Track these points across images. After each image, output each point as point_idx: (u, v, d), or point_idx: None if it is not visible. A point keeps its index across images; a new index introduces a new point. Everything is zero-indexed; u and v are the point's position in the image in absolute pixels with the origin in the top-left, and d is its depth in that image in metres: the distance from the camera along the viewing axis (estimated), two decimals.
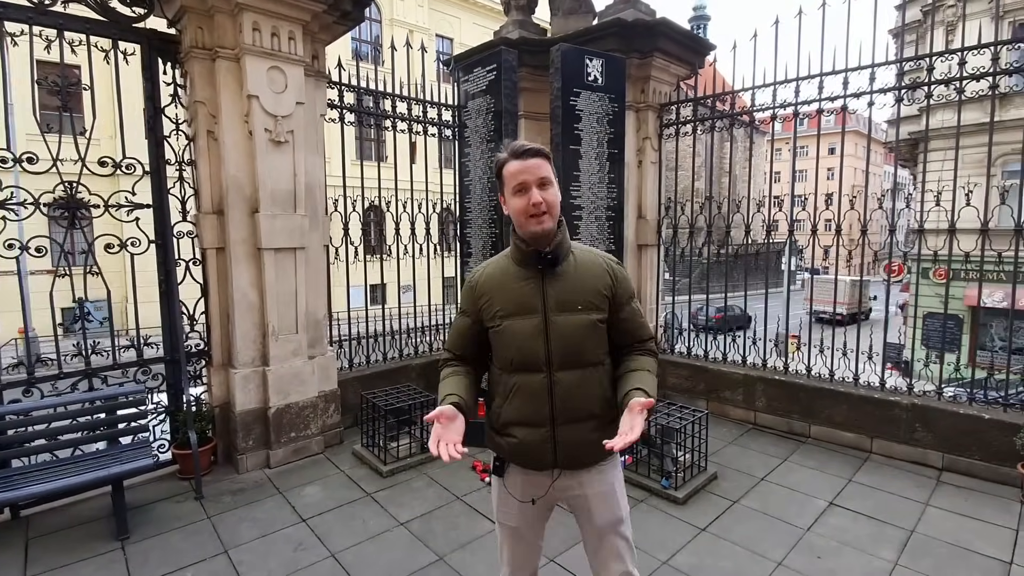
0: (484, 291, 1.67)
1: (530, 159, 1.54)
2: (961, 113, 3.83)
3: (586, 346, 1.59)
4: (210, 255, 3.83)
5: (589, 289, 1.61)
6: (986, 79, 3.67)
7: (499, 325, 1.62)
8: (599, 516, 1.67)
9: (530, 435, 1.61)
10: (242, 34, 3.50)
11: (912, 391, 4.00)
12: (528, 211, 1.53)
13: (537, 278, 1.60)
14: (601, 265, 1.65)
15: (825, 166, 35.07)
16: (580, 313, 1.58)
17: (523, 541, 1.77)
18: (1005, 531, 3.03)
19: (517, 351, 1.60)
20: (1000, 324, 12.88)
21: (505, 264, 1.67)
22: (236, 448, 3.81)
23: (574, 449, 1.61)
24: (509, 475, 1.70)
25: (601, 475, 1.67)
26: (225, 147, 3.65)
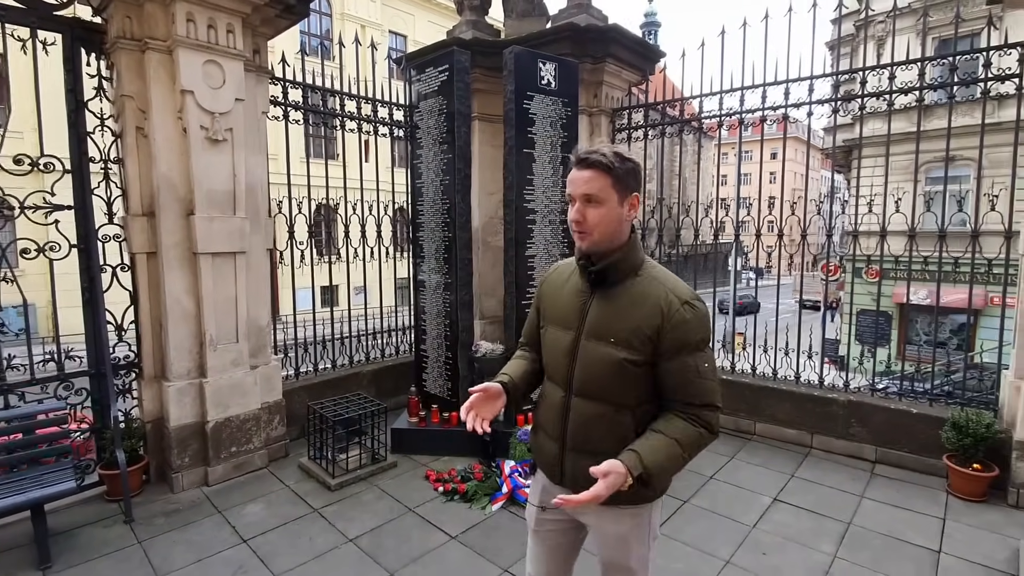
0: (544, 290, 1.66)
1: (583, 170, 1.40)
2: (891, 124, 4.06)
3: (608, 382, 1.43)
4: (140, 260, 3.57)
5: (629, 323, 1.41)
6: (913, 93, 3.90)
7: (544, 328, 1.61)
8: (604, 553, 1.61)
9: (546, 445, 1.59)
10: (175, 25, 3.28)
11: (848, 388, 4.20)
12: (572, 226, 1.45)
13: (586, 294, 1.50)
14: (658, 300, 1.40)
15: (768, 170, 36.68)
16: (609, 346, 1.42)
17: (541, 548, 1.69)
18: (933, 520, 3.21)
19: (548, 361, 1.59)
20: (925, 320, 13.83)
21: (571, 270, 1.58)
22: (171, 466, 3.58)
23: (580, 480, 1.41)
24: (536, 476, 1.70)
25: (615, 520, 1.52)
26: (156, 144, 3.41)
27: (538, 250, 4.24)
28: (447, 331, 4.36)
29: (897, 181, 5.92)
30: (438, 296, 4.40)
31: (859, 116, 4.34)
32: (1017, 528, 3.07)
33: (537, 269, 4.23)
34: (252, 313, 3.88)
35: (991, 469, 3.39)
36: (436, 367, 4.48)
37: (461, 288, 4.22)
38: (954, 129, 3.80)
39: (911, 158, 4.64)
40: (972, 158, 7.39)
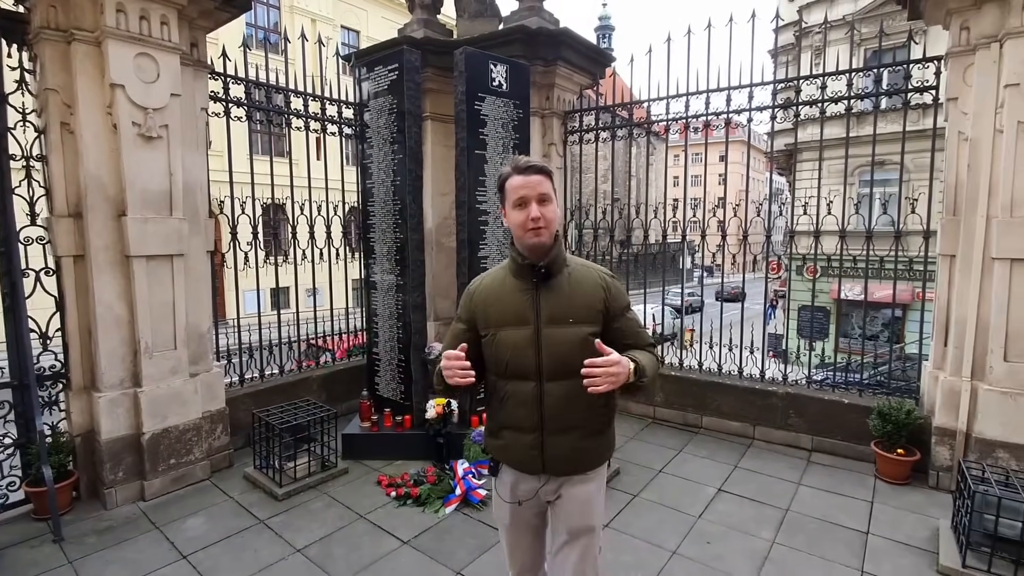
0: (480, 300, 1.72)
1: (532, 175, 1.59)
2: (823, 130, 4.30)
3: (577, 358, 1.57)
4: (66, 264, 3.35)
5: (581, 303, 1.64)
6: (843, 102, 4.14)
7: (493, 334, 1.68)
8: (572, 520, 1.72)
9: (520, 439, 1.67)
10: (104, 16, 3.10)
11: (787, 381, 4.42)
12: (527, 225, 1.58)
13: (532, 290, 1.64)
14: (595, 280, 1.68)
15: (717, 172, 38.06)
16: (572, 326, 1.61)
17: (519, 539, 1.82)
18: (863, 504, 3.42)
19: (510, 360, 1.65)
20: (859, 314, 14.71)
21: (502, 276, 1.72)
22: (103, 481, 3.38)
23: (560, 457, 1.66)
24: (501, 476, 1.78)
25: (583, 483, 1.71)
26: (84, 141, 3.21)
27: (491, 251, 4.25)
28: (400, 333, 4.30)
29: (832, 184, 6.28)
30: (390, 298, 4.34)
31: (795, 123, 4.57)
32: (937, 508, 3.31)
33: (490, 269, 4.23)
34: (191, 319, 3.71)
35: (913, 454, 3.64)
36: (389, 370, 4.41)
37: (414, 290, 4.18)
38: (882, 135, 4.05)
39: (842, 163, 4.90)
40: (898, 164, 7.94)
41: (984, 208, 3.31)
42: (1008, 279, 3.22)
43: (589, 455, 1.70)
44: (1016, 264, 3.20)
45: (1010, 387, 3.24)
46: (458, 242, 4.23)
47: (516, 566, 1.86)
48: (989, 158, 3.28)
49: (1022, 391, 3.21)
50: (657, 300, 5.13)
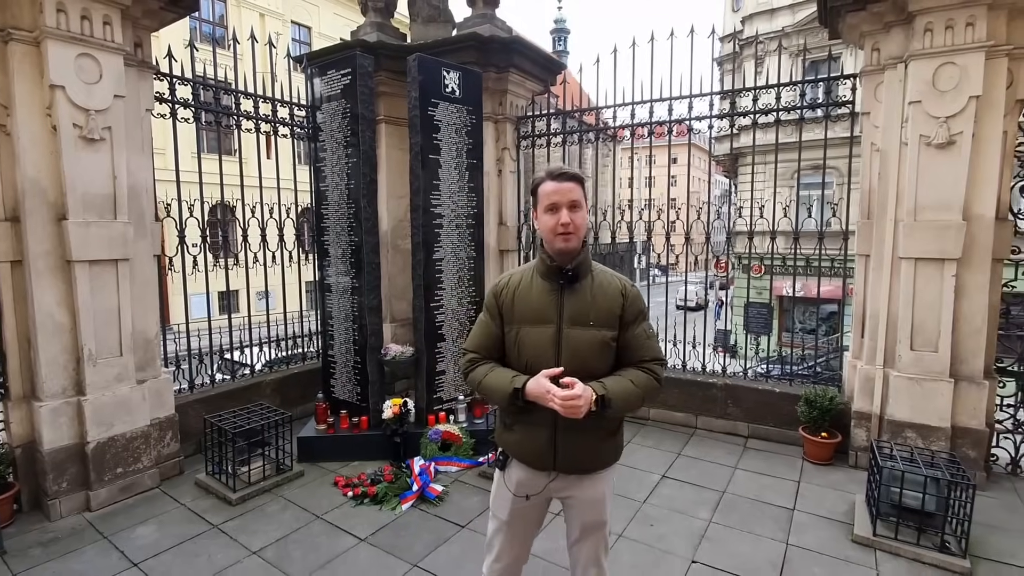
0: (506, 297, 1.79)
1: (565, 182, 1.66)
2: (755, 138, 4.63)
3: (594, 360, 1.68)
4: (2, 269, 3.22)
5: (602, 307, 1.70)
6: (772, 113, 4.46)
7: (516, 330, 1.74)
8: (586, 518, 1.82)
9: (533, 434, 1.73)
10: (43, 15, 3.01)
11: (725, 373, 4.72)
12: (556, 229, 1.65)
13: (557, 291, 1.71)
14: (616, 286, 1.75)
15: (671, 174, 39.26)
16: (592, 328, 1.68)
17: (513, 536, 1.88)
18: (790, 483, 3.72)
19: (531, 357, 1.71)
20: (799, 310, 15.60)
21: (530, 275, 1.79)
22: (46, 492, 3.28)
23: (573, 455, 1.72)
24: (509, 470, 1.83)
25: (594, 483, 1.79)
26: (20, 143, 3.11)
27: (446, 253, 4.34)
28: (355, 335, 4.34)
29: (768, 188, 6.66)
30: (345, 300, 4.37)
31: (731, 132, 4.89)
32: (855, 485, 3.64)
33: (445, 272, 4.33)
34: (138, 324, 3.64)
35: (836, 436, 3.98)
36: (345, 372, 4.44)
37: (369, 292, 4.23)
38: (817, 142, 4.36)
39: (783, 166, 5.27)
40: (831, 167, 8.52)
41: (892, 212, 3.67)
42: (913, 277, 3.59)
43: (599, 455, 1.77)
44: (919, 263, 3.57)
45: (916, 373, 3.61)
46: (413, 245, 4.31)
47: (502, 562, 1.90)
48: (896, 168, 3.64)
49: (926, 376, 3.58)
50: None
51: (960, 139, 3.36)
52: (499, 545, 1.90)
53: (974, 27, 3.27)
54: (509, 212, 5.66)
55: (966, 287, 3.49)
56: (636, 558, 2.89)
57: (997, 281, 3.58)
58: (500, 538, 1.89)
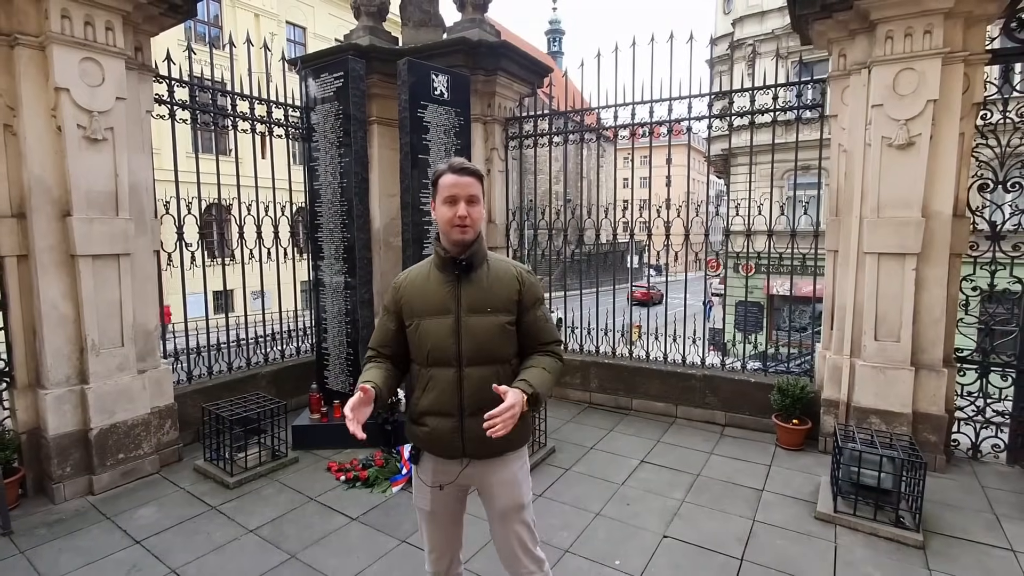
0: (405, 292, 1.83)
1: (464, 176, 1.72)
2: (753, 138, 4.79)
3: (494, 345, 1.74)
4: (9, 263, 3.38)
5: (499, 294, 1.76)
6: (769, 113, 4.57)
7: (416, 323, 1.78)
8: (501, 501, 1.84)
9: (441, 424, 1.76)
10: (49, 21, 3.17)
11: (704, 364, 4.91)
12: (453, 221, 1.71)
13: (454, 282, 1.77)
14: (511, 273, 1.82)
15: (662, 174, 39.51)
16: (490, 315, 1.74)
17: (439, 525, 1.91)
18: (762, 467, 3.92)
19: (432, 347, 1.75)
20: (789, 308, 15.83)
21: (427, 269, 1.84)
22: (50, 476, 3.44)
23: (480, 439, 1.69)
24: (422, 462, 1.87)
25: (505, 465, 1.83)
26: (27, 143, 3.27)
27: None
28: (348, 329, 4.51)
29: (761, 187, 6.86)
30: (339, 295, 4.54)
31: (708, 135, 5.08)
32: (823, 468, 3.83)
33: None
34: (139, 317, 3.79)
35: (806, 423, 4.18)
36: (338, 364, 4.61)
37: (362, 287, 4.40)
38: (805, 143, 4.51)
39: (768, 168, 5.42)
40: (818, 168, 8.75)
41: (858, 210, 3.87)
42: (876, 270, 3.79)
43: (505, 439, 1.69)
44: (882, 257, 3.77)
45: (879, 362, 3.81)
46: (403, 241, 4.47)
47: (436, 552, 1.94)
48: (861, 167, 3.84)
49: (889, 365, 3.78)
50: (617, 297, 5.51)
51: (919, 140, 3.57)
52: (428, 537, 1.94)
53: (931, 35, 3.47)
54: (498, 211, 5.84)
55: (925, 280, 3.70)
56: (610, 534, 3.08)
57: (955, 275, 3.79)
58: (428, 530, 1.93)
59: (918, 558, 2.82)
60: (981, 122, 3.77)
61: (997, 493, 3.50)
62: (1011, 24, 3.70)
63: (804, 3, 3.89)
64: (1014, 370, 3.87)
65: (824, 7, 3.78)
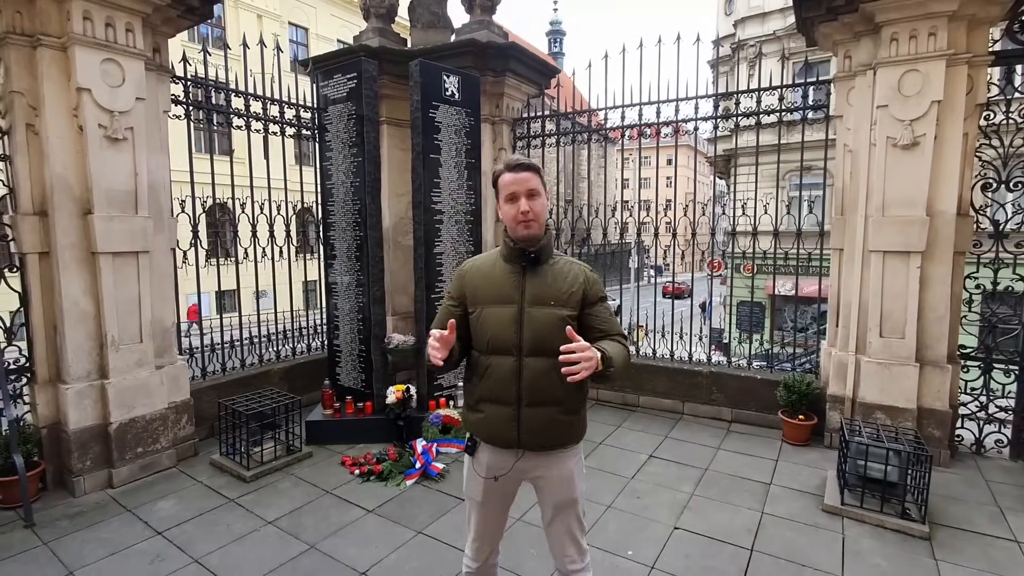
0: (470, 279, 1.87)
1: (521, 172, 1.75)
2: (759, 138, 4.86)
3: (554, 337, 1.70)
4: (31, 260, 3.45)
5: (563, 288, 1.78)
6: (775, 114, 4.64)
7: (479, 311, 1.82)
8: (557, 496, 1.87)
9: (497, 412, 1.78)
10: (71, 23, 3.24)
11: (711, 362, 4.98)
12: (517, 218, 1.74)
13: (519, 274, 1.80)
14: (575, 270, 1.83)
15: (665, 175, 39.63)
16: (552, 308, 1.76)
17: (488, 514, 1.94)
18: (768, 462, 3.98)
19: (493, 335, 1.78)
20: (791, 309, 15.88)
21: (494, 259, 1.88)
22: (71, 470, 3.50)
23: (536, 430, 1.76)
24: (478, 454, 1.89)
25: (561, 461, 1.84)
26: (49, 143, 3.33)
27: (446, 248, 4.58)
28: (360, 326, 4.57)
29: (766, 187, 6.92)
30: (351, 293, 4.60)
31: (735, 131, 5.14)
32: (829, 463, 3.89)
33: (445, 266, 4.57)
34: (156, 313, 3.86)
35: (812, 419, 4.24)
36: (350, 361, 4.67)
37: (373, 284, 4.46)
38: (787, 146, 4.60)
39: (774, 168, 5.48)
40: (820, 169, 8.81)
41: (863, 209, 3.93)
42: (881, 268, 3.85)
43: (562, 431, 1.80)
44: (887, 256, 3.83)
45: (884, 358, 3.87)
46: (415, 240, 4.54)
47: (479, 541, 1.97)
48: (866, 167, 3.90)
49: (893, 361, 3.84)
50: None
51: (923, 140, 3.63)
52: (475, 525, 1.97)
53: (936, 37, 3.54)
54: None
55: (930, 278, 3.76)
56: (622, 525, 3.14)
57: (959, 272, 3.85)
58: (476, 519, 1.96)
59: (924, 548, 2.89)
60: (984, 123, 3.84)
61: (1000, 487, 3.57)
62: (1013, 26, 3.77)
63: (810, 6, 3.95)
64: (1017, 367, 3.94)
65: (830, 9, 3.85)
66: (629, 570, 2.76)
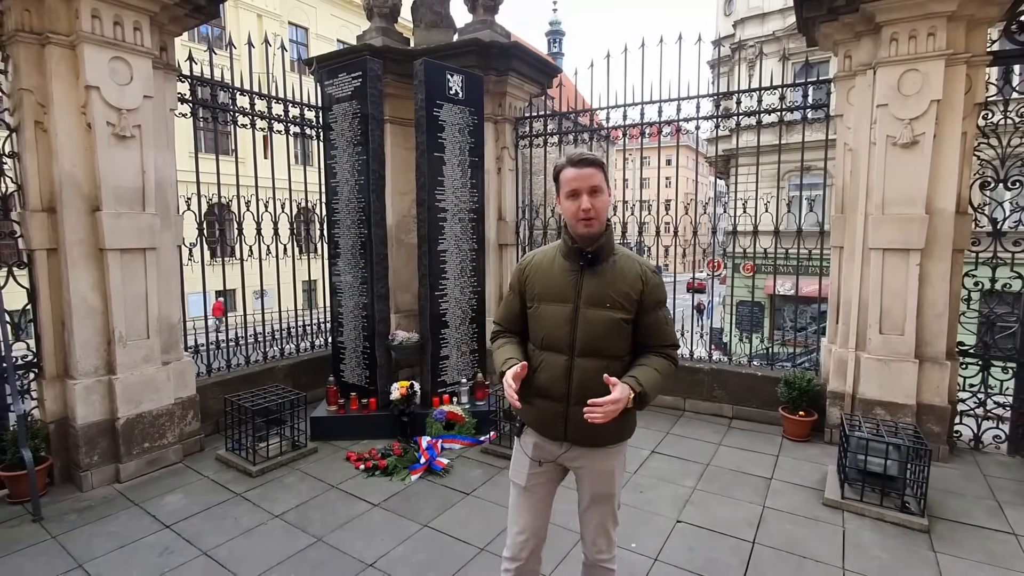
0: (529, 274, 1.86)
1: (584, 168, 1.69)
2: (760, 138, 4.89)
3: (608, 339, 1.72)
4: (39, 257, 3.48)
5: (620, 290, 1.73)
6: (776, 113, 4.67)
7: (536, 306, 1.82)
8: (596, 488, 1.87)
9: (547, 407, 1.79)
10: (79, 21, 3.27)
11: (711, 359, 5.02)
12: (578, 215, 1.69)
13: (577, 272, 1.76)
14: (636, 271, 1.77)
15: (665, 175, 39.68)
16: (608, 309, 1.72)
17: (530, 502, 1.91)
18: (770, 457, 4.02)
19: (547, 333, 1.78)
20: (790, 308, 15.92)
21: (553, 254, 1.85)
22: (78, 465, 3.53)
23: (583, 428, 1.72)
24: (524, 436, 1.91)
25: (605, 458, 1.83)
26: (58, 140, 3.36)
27: (449, 245, 4.62)
28: (364, 323, 4.61)
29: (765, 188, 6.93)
30: (355, 290, 4.63)
31: (736, 130, 5.19)
32: (829, 458, 3.92)
33: (448, 263, 4.60)
34: (163, 310, 3.89)
35: (812, 415, 4.28)
36: (354, 357, 4.71)
37: (378, 281, 4.50)
38: (789, 146, 4.64)
39: (774, 168, 5.52)
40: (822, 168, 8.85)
41: (863, 207, 3.98)
42: (881, 265, 3.89)
43: (609, 431, 1.74)
44: (887, 253, 3.87)
45: (883, 355, 3.92)
46: (419, 237, 4.57)
47: (524, 533, 1.92)
48: (866, 165, 3.95)
49: (893, 358, 3.88)
50: None
51: (923, 139, 3.68)
52: (519, 515, 1.93)
53: (935, 37, 3.59)
54: (508, 208, 5.94)
55: (929, 275, 3.80)
56: (626, 519, 3.15)
57: (958, 270, 3.89)
58: (520, 505, 1.92)
59: (923, 541, 2.93)
60: (983, 122, 3.88)
61: (999, 481, 3.61)
62: (1011, 27, 3.81)
63: (811, 6, 3.99)
64: (1015, 363, 3.98)
65: (831, 10, 3.89)
66: (633, 562, 2.80)
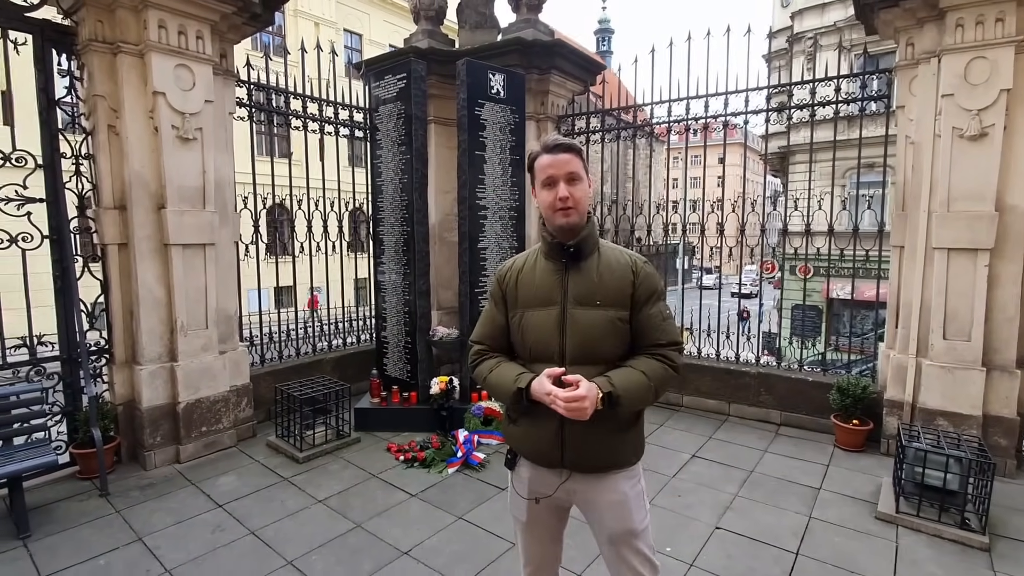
0: (509, 281, 1.67)
1: (560, 154, 1.54)
2: (814, 132, 4.67)
3: (601, 342, 1.54)
4: (111, 251, 3.77)
5: (611, 286, 1.56)
6: (831, 106, 4.44)
7: (520, 315, 1.62)
8: (609, 525, 1.62)
9: (540, 429, 1.57)
10: (147, 31, 3.52)
11: (759, 363, 4.84)
12: (555, 205, 1.53)
13: (561, 271, 1.59)
14: (625, 262, 1.60)
15: (714, 174, 38.52)
16: (599, 308, 1.54)
17: (534, 538, 1.75)
18: (819, 466, 3.84)
19: (535, 342, 1.59)
20: (849, 313, 15.12)
21: (534, 257, 1.67)
22: (143, 445, 3.79)
23: (582, 450, 1.54)
24: (518, 469, 1.68)
25: (612, 483, 1.60)
26: (128, 142, 3.63)
27: (489, 243, 4.66)
28: (407, 318, 4.72)
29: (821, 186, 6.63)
30: (398, 287, 4.76)
31: (787, 125, 5.00)
32: (885, 470, 3.71)
33: (488, 261, 4.65)
34: (221, 302, 4.12)
35: (868, 424, 4.06)
36: (396, 352, 4.83)
37: (420, 278, 4.60)
38: (864, 139, 4.37)
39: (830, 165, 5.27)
40: (883, 164, 8.36)
41: (926, 204, 3.73)
42: (946, 266, 3.65)
43: (613, 452, 1.57)
44: (952, 253, 3.62)
45: (948, 362, 3.66)
46: (459, 235, 4.64)
47: (530, 566, 1.79)
48: (929, 159, 3.71)
49: (958, 365, 3.63)
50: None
51: (992, 131, 3.42)
52: (523, 549, 1.79)
53: (1004, 22, 3.33)
54: None
55: (999, 277, 3.53)
56: (662, 522, 3.11)
57: None
58: (523, 542, 1.78)
59: (983, 560, 2.73)
60: None
61: None
62: None
63: None
64: None
65: None
66: (667, 567, 2.73)
